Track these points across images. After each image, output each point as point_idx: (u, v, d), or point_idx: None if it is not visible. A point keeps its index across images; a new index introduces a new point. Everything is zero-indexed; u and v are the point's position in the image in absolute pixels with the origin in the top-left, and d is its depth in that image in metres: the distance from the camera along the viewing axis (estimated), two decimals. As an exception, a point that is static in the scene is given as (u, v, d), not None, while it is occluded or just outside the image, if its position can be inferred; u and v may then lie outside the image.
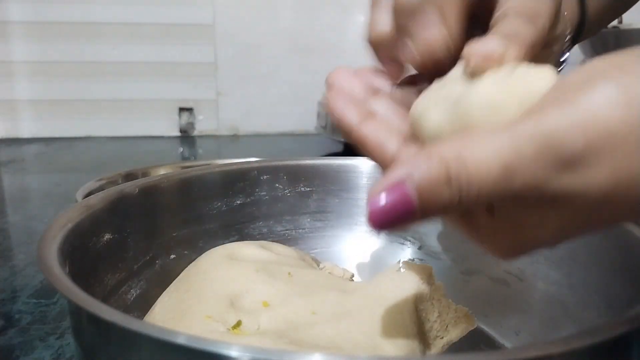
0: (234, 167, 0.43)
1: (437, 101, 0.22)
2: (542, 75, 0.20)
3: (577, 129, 0.17)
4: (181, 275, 0.33)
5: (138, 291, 0.34)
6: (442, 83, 0.23)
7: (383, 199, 0.19)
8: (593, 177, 0.17)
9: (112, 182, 0.61)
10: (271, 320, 0.27)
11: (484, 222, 0.21)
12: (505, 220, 0.20)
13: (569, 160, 0.17)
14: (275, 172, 0.43)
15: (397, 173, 0.19)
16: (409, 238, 0.42)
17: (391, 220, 0.19)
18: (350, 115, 0.25)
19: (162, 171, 0.66)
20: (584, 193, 0.17)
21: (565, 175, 0.17)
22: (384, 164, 0.24)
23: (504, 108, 0.20)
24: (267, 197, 0.42)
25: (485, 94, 0.20)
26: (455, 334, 0.30)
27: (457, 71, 0.23)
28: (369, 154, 0.25)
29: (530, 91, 0.20)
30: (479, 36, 0.23)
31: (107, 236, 0.33)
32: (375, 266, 0.40)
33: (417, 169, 0.18)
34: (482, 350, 0.34)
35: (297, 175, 0.43)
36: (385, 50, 0.27)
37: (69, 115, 1.19)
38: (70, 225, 0.29)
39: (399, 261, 0.32)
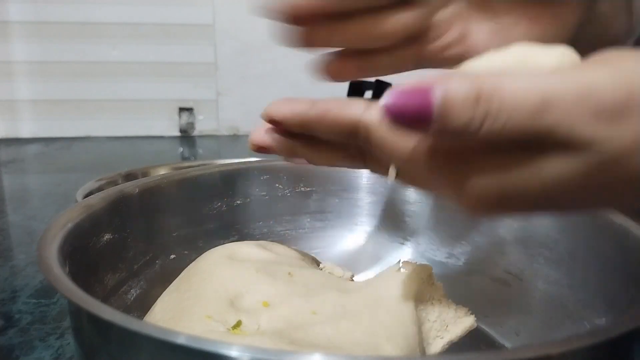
0: (234, 167, 0.43)
1: None
2: (549, 53, 0.21)
3: (620, 82, 0.17)
4: (181, 275, 0.33)
5: (138, 291, 0.34)
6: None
7: (402, 96, 0.18)
8: (626, 130, 0.17)
9: (112, 182, 0.61)
10: (271, 320, 0.27)
11: (475, 159, 0.20)
12: (500, 159, 0.19)
13: (609, 110, 0.17)
14: (275, 172, 0.43)
15: (425, 82, 0.18)
16: (409, 238, 0.42)
17: (403, 115, 0.18)
18: (300, 105, 0.25)
19: (162, 171, 0.66)
20: (612, 143, 0.18)
21: (600, 124, 0.17)
22: (351, 126, 0.24)
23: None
24: (267, 197, 0.42)
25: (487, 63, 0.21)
26: (455, 334, 0.30)
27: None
28: (332, 124, 0.24)
29: (536, 64, 0.20)
30: None
31: (107, 236, 0.33)
32: (375, 266, 0.40)
33: (447, 83, 0.18)
34: (482, 350, 0.34)
35: (297, 175, 0.43)
36: None
37: (69, 115, 1.19)
38: (70, 225, 0.29)
39: (399, 261, 0.32)
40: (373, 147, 0.24)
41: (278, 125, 0.26)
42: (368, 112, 0.23)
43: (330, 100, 0.25)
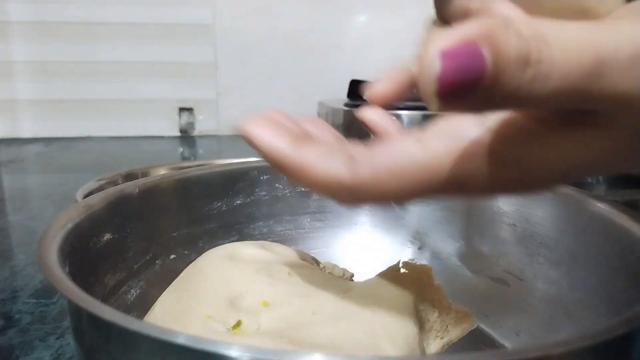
0: (234, 167, 0.43)
1: None
2: None
3: None
4: (181, 275, 0.33)
5: (138, 291, 0.34)
6: None
7: (445, 57, 0.14)
8: None
9: (112, 182, 0.61)
10: (271, 320, 0.27)
11: (532, 129, 0.17)
12: (557, 130, 0.17)
13: None
14: (275, 172, 0.43)
15: (466, 29, 0.14)
16: (410, 238, 0.42)
17: (458, 84, 0.14)
18: (279, 139, 0.21)
19: (162, 171, 0.66)
20: None
21: None
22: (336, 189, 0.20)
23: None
24: (267, 197, 0.42)
25: None
26: (455, 334, 0.30)
27: None
28: (314, 181, 0.20)
29: None
30: None
31: (107, 236, 0.33)
32: (375, 266, 0.40)
33: (493, 33, 0.14)
34: (482, 350, 0.34)
35: (297, 175, 0.43)
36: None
37: (69, 115, 1.19)
38: (70, 225, 0.29)
39: (399, 261, 0.32)
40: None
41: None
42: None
43: (311, 149, 0.21)
